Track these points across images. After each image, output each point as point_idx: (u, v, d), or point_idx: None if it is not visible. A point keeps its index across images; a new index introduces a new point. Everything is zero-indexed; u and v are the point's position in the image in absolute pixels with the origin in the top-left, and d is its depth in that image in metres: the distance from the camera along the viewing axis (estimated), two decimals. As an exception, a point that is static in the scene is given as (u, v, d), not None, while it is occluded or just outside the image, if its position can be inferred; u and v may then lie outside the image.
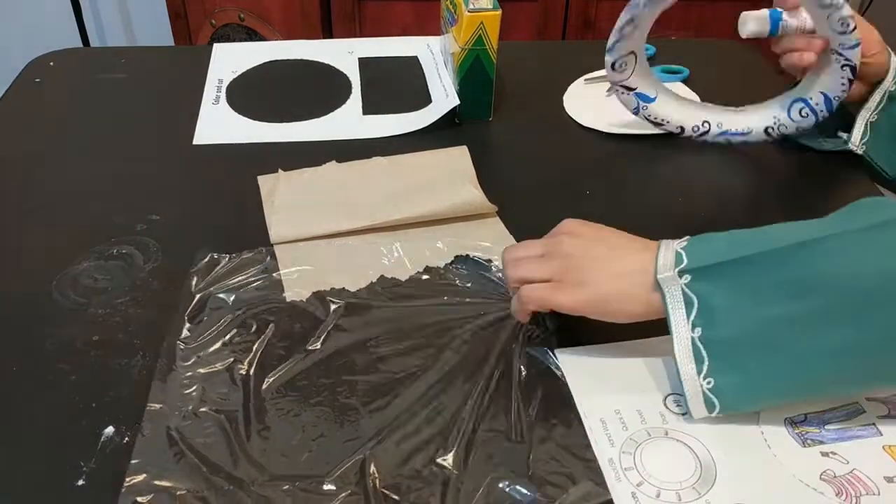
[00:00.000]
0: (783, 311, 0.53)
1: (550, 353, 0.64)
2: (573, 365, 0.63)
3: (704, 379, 0.55)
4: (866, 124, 0.82)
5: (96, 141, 0.90)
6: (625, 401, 0.60)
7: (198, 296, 0.68)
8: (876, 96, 0.81)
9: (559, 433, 0.58)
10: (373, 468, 0.55)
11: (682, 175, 0.86)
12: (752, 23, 0.80)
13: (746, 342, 0.54)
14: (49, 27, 2.17)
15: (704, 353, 0.55)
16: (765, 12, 0.79)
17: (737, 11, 0.80)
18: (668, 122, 0.87)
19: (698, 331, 0.55)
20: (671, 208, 0.81)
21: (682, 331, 0.56)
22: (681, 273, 0.56)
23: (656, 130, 0.89)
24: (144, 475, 0.54)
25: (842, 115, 0.83)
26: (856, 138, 0.82)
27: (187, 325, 0.66)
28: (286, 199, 0.79)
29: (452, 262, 0.73)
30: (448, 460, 0.56)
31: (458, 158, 0.86)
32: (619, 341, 0.64)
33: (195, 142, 0.90)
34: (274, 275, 0.71)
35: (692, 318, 0.55)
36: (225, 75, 1.01)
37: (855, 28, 0.74)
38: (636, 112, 0.86)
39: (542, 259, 0.62)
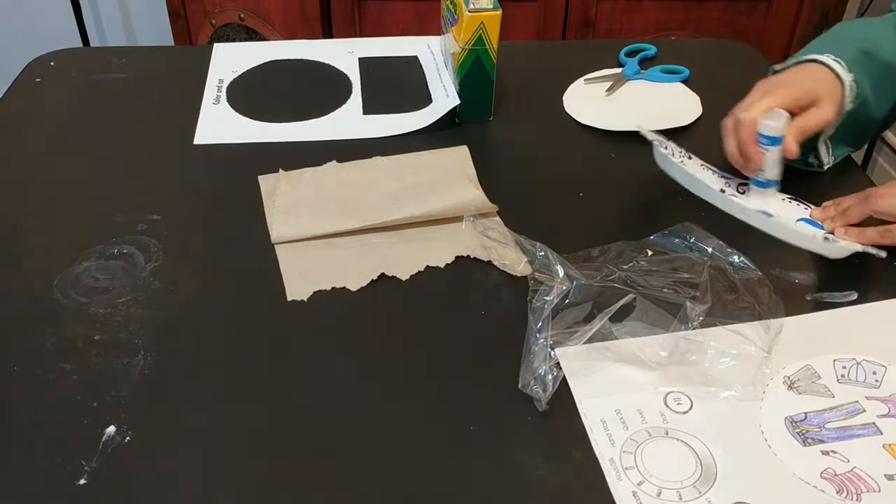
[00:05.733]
0: None
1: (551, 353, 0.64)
2: (573, 365, 0.63)
3: None
4: (825, 141, 0.82)
5: (96, 141, 0.90)
6: (625, 400, 0.60)
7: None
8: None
9: (559, 434, 0.58)
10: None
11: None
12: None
13: None
14: (49, 27, 2.16)
15: None
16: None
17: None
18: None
19: None
20: (671, 208, 0.80)
21: None
22: None
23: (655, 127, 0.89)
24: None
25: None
26: (825, 158, 0.83)
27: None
28: (287, 199, 0.79)
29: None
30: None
31: (458, 158, 0.86)
32: (619, 340, 0.64)
33: (195, 142, 0.90)
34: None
35: None
36: (225, 75, 1.01)
37: None
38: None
39: None
